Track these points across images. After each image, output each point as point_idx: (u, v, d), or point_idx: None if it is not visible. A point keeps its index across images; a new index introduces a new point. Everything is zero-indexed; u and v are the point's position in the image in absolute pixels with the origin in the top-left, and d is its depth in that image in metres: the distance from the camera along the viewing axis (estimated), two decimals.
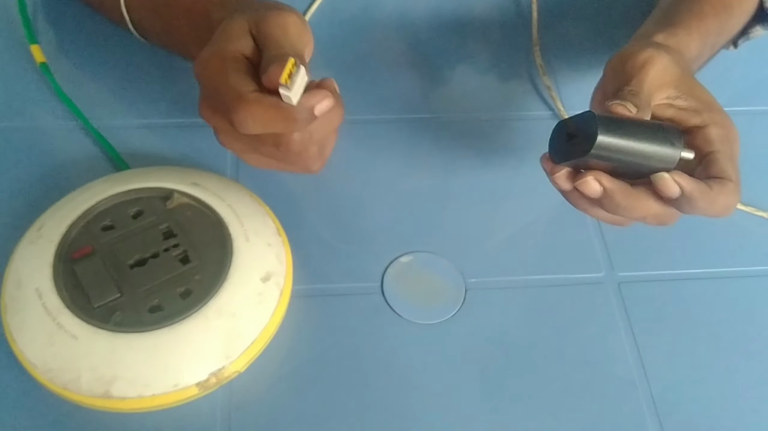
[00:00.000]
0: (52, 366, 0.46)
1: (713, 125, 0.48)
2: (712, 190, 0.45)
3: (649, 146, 0.45)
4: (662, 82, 0.48)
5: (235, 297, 0.48)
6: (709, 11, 0.56)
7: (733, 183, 0.46)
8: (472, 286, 0.54)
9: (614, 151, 0.44)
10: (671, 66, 0.49)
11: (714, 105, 0.49)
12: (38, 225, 0.51)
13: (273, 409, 0.48)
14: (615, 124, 0.45)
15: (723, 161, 0.47)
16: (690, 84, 0.49)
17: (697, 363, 0.52)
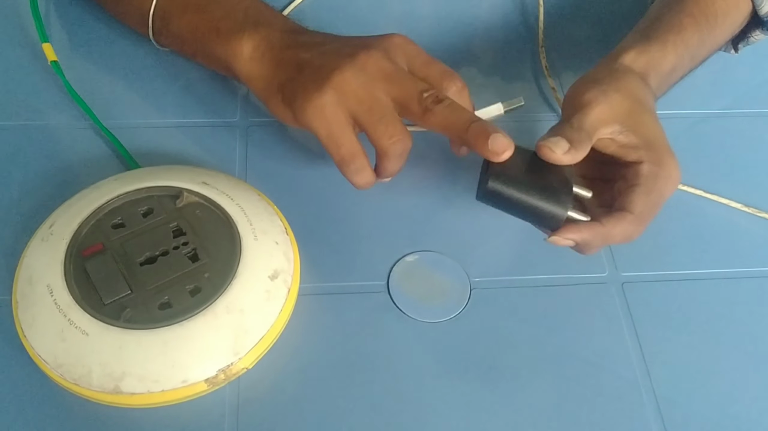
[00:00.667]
0: (63, 362, 0.46)
1: (647, 162, 0.50)
2: (605, 226, 0.48)
3: (538, 202, 0.48)
4: (608, 119, 0.50)
5: (244, 294, 0.49)
6: (690, 24, 0.57)
7: (633, 215, 0.48)
8: (477, 285, 0.55)
9: (504, 199, 0.48)
10: (618, 103, 0.50)
11: (655, 143, 0.50)
12: (49, 223, 0.52)
13: (280, 405, 0.49)
14: (508, 176, 0.48)
15: (636, 194, 0.49)
16: (636, 120, 0.50)
17: (700, 363, 0.52)
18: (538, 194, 0.48)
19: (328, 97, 0.50)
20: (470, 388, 0.50)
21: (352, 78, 0.50)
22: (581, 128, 0.49)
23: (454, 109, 0.50)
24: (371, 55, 0.51)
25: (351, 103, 0.50)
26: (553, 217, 0.48)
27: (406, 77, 0.51)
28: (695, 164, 0.62)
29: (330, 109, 0.50)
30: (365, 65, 0.51)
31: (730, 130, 0.66)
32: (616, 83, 0.51)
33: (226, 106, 0.63)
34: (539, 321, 0.54)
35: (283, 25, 0.56)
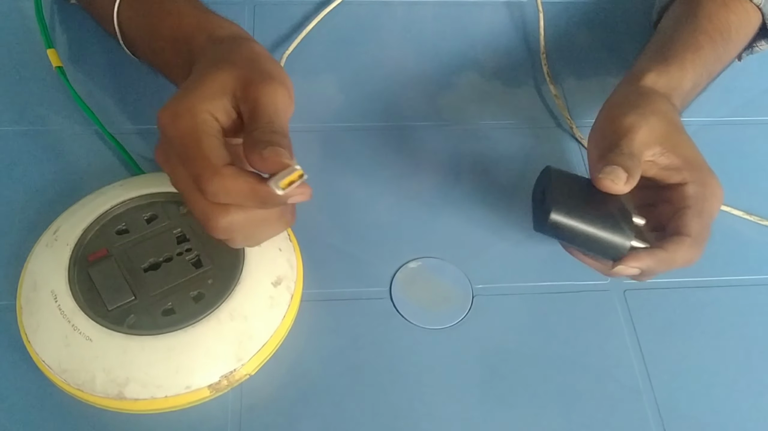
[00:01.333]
0: (67, 367, 0.46)
1: (692, 183, 0.49)
2: (667, 251, 0.48)
3: (602, 233, 0.47)
4: (649, 141, 0.50)
5: (247, 301, 0.49)
6: (705, 41, 0.57)
7: (691, 238, 0.48)
8: (480, 292, 0.55)
9: (566, 230, 0.47)
10: (657, 125, 0.50)
11: (696, 162, 0.50)
12: (54, 229, 0.52)
13: (283, 412, 0.49)
14: (569, 207, 0.47)
15: (689, 216, 0.48)
16: (675, 140, 0.50)
17: (702, 371, 0.53)
18: (602, 225, 0.47)
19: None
20: (472, 395, 0.51)
21: (161, 140, 0.45)
22: (632, 154, 0.49)
23: (231, 193, 0.42)
24: (172, 113, 0.43)
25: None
26: (616, 247, 0.48)
27: (186, 153, 0.42)
28: None
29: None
30: (163, 129, 0.44)
31: (733, 137, 0.66)
32: (651, 105, 0.51)
33: None
34: (541, 328, 0.54)
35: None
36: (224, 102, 0.44)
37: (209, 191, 0.42)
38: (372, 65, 0.68)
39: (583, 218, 0.47)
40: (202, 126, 0.43)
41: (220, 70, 0.45)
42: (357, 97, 0.66)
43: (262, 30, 0.69)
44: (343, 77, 0.68)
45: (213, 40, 0.49)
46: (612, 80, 0.70)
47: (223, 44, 0.48)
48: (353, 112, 0.65)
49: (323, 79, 0.67)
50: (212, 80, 0.44)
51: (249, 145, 0.42)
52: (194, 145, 0.42)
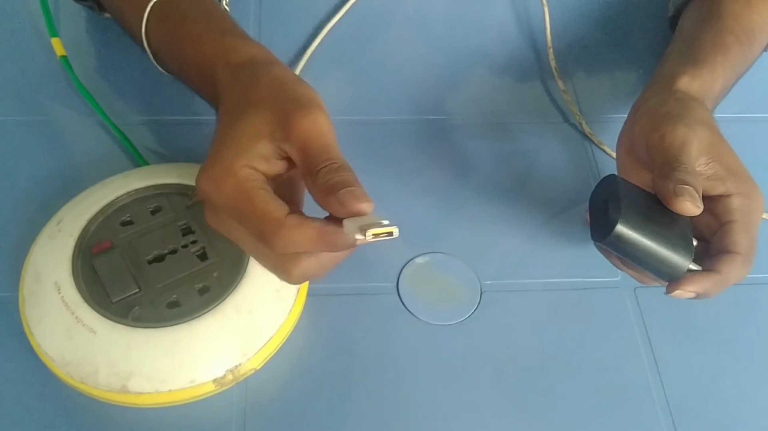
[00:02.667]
0: (70, 360, 0.46)
1: (737, 195, 0.48)
2: (721, 274, 0.46)
3: (664, 252, 0.46)
4: (699, 152, 0.48)
5: (253, 294, 0.48)
6: (733, 42, 0.56)
7: (741, 256, 0.47)
8: (488, 288, 0.54)
9: (628, 245, 0.45)
10: (703, 135, 0.49)
11: (739, 172, 0.49)
12: (57, 220, 0.51)
13: (288, 407, 0.48)
14: (636, 221, 0.45)
15: (737, 232, 0.47)
16: (719, 149, 0.49)
17: (713, 369, 0.52)
18: (665, 243, 0.46)
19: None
20: (480, 392, 0.50)
21: (208, 214, 0.44)
22: (696, 172, 0.47)
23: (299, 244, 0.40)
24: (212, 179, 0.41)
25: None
26: (675, 268, 0.46)
27: (241, 216, 0.41)
28: None
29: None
30: (208, 198, 0.42)
31: (746, 134, 0.66)
32: (693, 114, 0.50)
33: None
34: (550, 325, 0.53)
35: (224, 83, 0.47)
36: (260, 150, 0.41)
37: (277, 245, 0.40)
38: (382, 61, 0.68)
39: (648, 233, 0.45)
40: (246, 183, 0.40)
41: (247, 115, 0.42)
42: (367, 92, 0.65)
43: (272, 29, 0.69)
44: (353, 72, 0.67)
45: (231, 67, 0.46)
46: (621, 75, 0.70)
47: (243, 74, 0.46)
48: (363, 107, 0.64)
49: (333, 75, 0.67)
50: (242, 130, 0.42)
51: (319, 191, 0.40)
52: (248, 204, 0.40)
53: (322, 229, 0.40)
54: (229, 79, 0.46)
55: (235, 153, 0.41)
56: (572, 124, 0.65)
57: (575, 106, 0.65)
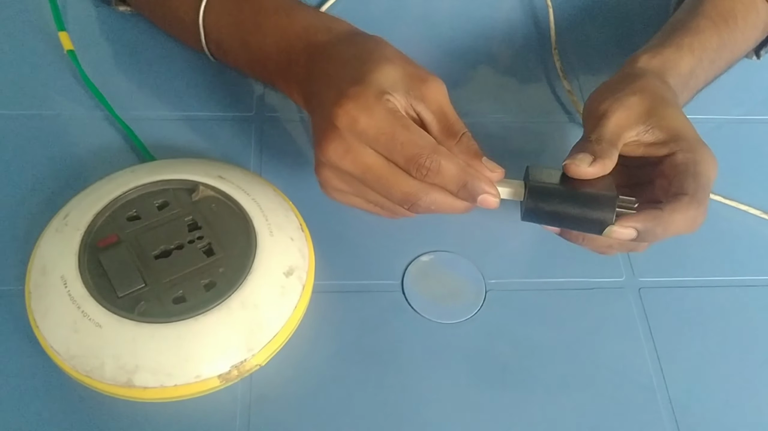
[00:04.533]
0: (76, 354, 0.46)
1: (680, 152, 0.48)
2: (663, 210, 0.46)
3: (580, 212, 0.47)
4: (629, 122, 0.49)
5: (259, 290, 0.48)
6: (706, 26, 0.57)
7: (688, 196, 0.47)
8: (493, 287, 0.54)
9: (545, 215, 0.48)
10: (636, 104, 0.49)
11: (683, 133, 0.49)
12: (64, 214, 0.51)
13: (292, 403, 0.48)
14: (546, 192, 0.47)
15: (682, 178, 0.47)
16: (660, 115, 0.49)
17: (717, 370, 0.52)
18: (578, 201, 0.47)
19: (323, 171, 0.48)
20: (484, 390, 0.50)
21: (336, 149, 0.45)
22: (601, 140, 0.48)
23: (444, 174, 0.45)
24: (359, 105, 0.44)
25: (345, 172, 0.46)
26: (600, 219, 0.47)
27: (394, 138, 0.44)
28: None
29: (330, 184, 0.48)
30: (350, 125, 0.44)
31: (750, 136, 0.66)
32: (631, 86, 0.51)
33: (243, 100, 0.63)
34: (555, 325, 0.53)
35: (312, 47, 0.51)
36: (399, 98, 0.46)
37: (426, 170, 0.44)
38: None
39: (560, 200, 0.47)
40: (399, 111, 0.45)
41: (382, 66, 0.46)
42: None
43: None
44: None
45: (336, 33, 0.50)
46: None
47: (357, 38, 0.50)
48: None
49: None
50: (382, 73, 0.45)
51: (466, 152, 0.46)
52: (402, 129, 0.44)
53: (468, 167, 0.45)
54: (337, 41, 0.50)
55: (382, 86, 0.45)
56: (578, 123, 0.65)
57: (580, 105, 0.65)
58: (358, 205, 0.49)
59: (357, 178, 0.46)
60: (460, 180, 0.45)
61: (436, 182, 0.45)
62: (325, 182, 0.48)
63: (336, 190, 0.48)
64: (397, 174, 0.45)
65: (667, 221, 0.46)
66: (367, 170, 0.45)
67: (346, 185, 0.47)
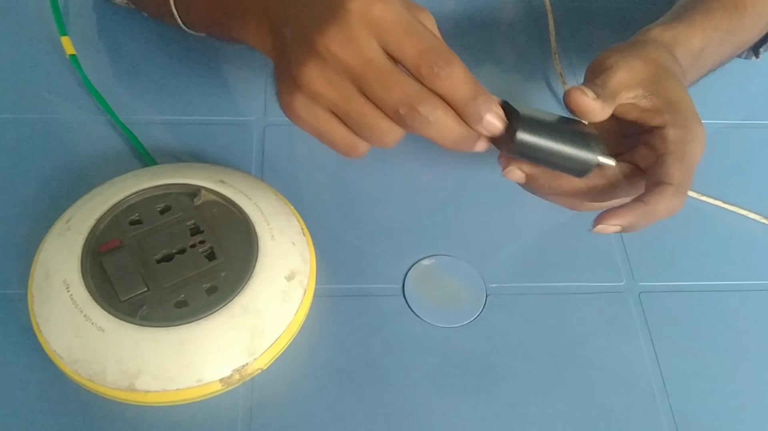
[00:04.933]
0: (78, 358, 0.46)
1: (672, 126, 0.48)
2: (648, 205, 0.46)
3: (568, 149, 0.46)
4: (630, 83, 0.49)
5: (260, 294, 0.49)
6: (717, 8, 0.56)
7: (673, 186, 0.46)
8: (493, 291, 0.54)
9: (534, 149, 0.45)
10: (640, 67, 0.49)
11: (680, 105, 0.48)
12: (66, 218, 0.51)
13: (294, 407, 0.49)
14: (537, 124, 0.45)
15: (670, 164, 0.47)
16: (660, 85, 0.49)
17: (717, 375, 0.52)
18: (568, 140, 0.45)
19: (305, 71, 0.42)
20: (484, 395, 0.50)
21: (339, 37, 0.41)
22: (605, 86, 0.48)
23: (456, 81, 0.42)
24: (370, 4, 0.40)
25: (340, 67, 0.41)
26: (584, 161, 0.46)
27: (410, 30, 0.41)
28: (714, 174, 0.61)
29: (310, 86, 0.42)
30: (364, 10, 0.40)
31: (749, 140, 0.66)
32: (638, 51, 0.50)
33: (245, 105, 0.63)
34: (555, 329, 0.53)
35: None
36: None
37: (440, 65, 0.41)
38: None
39: (550, 134, 0.45)
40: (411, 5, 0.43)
41: None
42: None
43: None
44: None
45: None
46: None
47: None
48: None
49: None
50: None
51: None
52: (417, 22, 0.41)
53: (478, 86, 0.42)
54: None
55: None
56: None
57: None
58: (324, 124, 0.43)
59: (353, 73, 0.41)
60: (470, 91, 0.42)
61: (445, 89, 0.41)
62: (304, 84, 0.42)
63: (311, 96, 0.42)
64: (401, 72, 0.41)
65: (651, 214, 0.46)
66: (368, 63, 0.41)
67: (327, 88, 0.41)
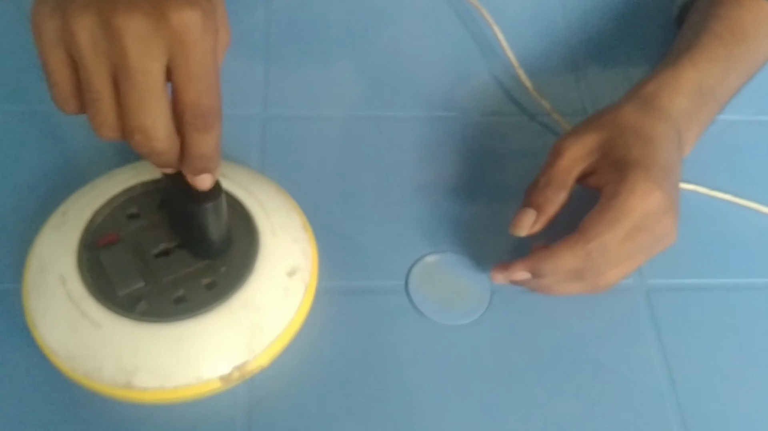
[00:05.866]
0: (74, 354, 0.45)
1: (610, 183, 0.49)
2: (549, 250, 0.49)
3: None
4: (580, 156, 0.51)
5: (261, 291, 0.47)
6: (710, 39, 0.57)
7: (577, 234, 0.48)
8: (498, 289, 0.53)
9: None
10: (591, 139, 0.51)
11: (622, 161, 0.49)
12: (62, 211, 0.50)
13: (295, 407, 0.48)
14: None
15: (592, 212, 0.48)
16: (610, 146, 0.51)
17: (726, 373, 0.51)
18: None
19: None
20: (489, 394, 0.49)
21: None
22: (550, 183, 0.51)
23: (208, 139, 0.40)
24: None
25: None
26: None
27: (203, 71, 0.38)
28: (726, 169, 0.61)
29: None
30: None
31: (761, 135, 0.65)
32: (592, 124, 0.52)
33: (246, 98, 0.62)
34: (561, 327, 0.52)
35: None
36: None
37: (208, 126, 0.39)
38: (390, 53, 0.67)
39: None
40: None
41: None
42: (376, 86, 0.65)
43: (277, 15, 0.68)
44: (361, 64, 0.66)
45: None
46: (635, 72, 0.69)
47: None
48: (372, 101, 0.63)
49: (341, 66, 0.66)
50: None
51: None
52: (216, 69, 0.39)
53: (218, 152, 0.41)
54: None
55: None
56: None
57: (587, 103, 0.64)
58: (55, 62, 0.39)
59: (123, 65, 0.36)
60: (208, 151, 0.40)
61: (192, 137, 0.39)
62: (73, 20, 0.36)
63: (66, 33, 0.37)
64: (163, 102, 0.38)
65: (556, 259, 0.48)
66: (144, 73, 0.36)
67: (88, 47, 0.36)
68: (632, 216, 0.47)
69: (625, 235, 0.47)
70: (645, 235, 0.48)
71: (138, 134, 0.38)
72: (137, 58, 0.36)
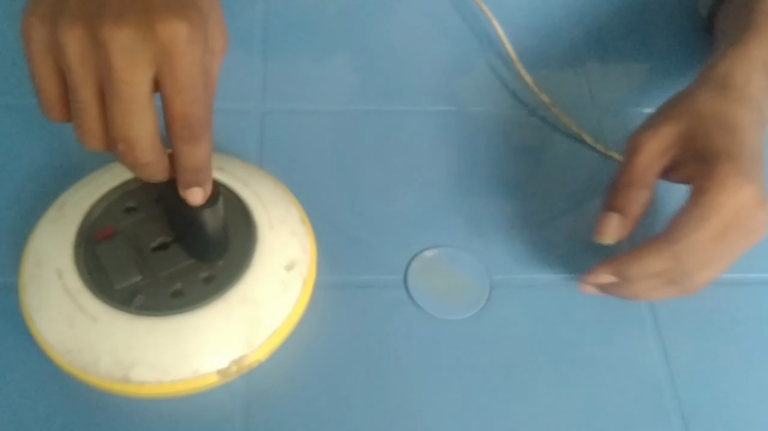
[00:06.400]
0: (71, 348, 0.45)
1: (696, 178, 0.46)
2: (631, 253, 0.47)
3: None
4: (661, 149, 0.48)
5: (259, 284, 0.47)
6: (764, 21, 0.53)
7: (664, 234, 0.46)
8: (498, 283, 0.53)
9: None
10: (669, 131, 0.48)
11: (707, 152, 0.46)
12: (59, 205, 0.50)
13: (293, 401, 0.47)
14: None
15: (677, 213, 0.46)
16: (695, 134, 0.48)
17: (726, 369, 0.51)
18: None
19: None
20: (488, 389, 0.49)
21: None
22: (630, 184, 0.49)
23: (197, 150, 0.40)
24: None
25: None
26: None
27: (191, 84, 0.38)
28: None
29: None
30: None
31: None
32: (667, 113, 0.49)
33: (244, 91, 0.62)
34: (561, 322, 0.52)
35: None
36: None
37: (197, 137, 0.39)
38: (389, 46, 0.67)
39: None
40: None
41: None
42: (377, 80, 0.64)
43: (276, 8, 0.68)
44: (360, 58, 0.66)
45: None
46: (637, 68, 0.69)
47: None
48: (371, 95, 0.63)
49: (339, 60, 0.65)
50: None
51: None
52: (204, 82, 0.39)
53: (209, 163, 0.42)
54: None
55: None
56: (587, 119, 0.64)
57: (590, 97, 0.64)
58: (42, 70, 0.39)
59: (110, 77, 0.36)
60: (199, 163, 0.41)
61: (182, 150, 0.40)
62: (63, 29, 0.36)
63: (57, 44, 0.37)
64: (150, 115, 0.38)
65: (641, 261, 0.46)
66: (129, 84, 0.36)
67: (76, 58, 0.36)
68: (722, 214, 0.44)
69: (715, 234, 0.44)
70: (736, 232, 0.45)
71: (122, 144, 0.38)
72: (123, 70, 0.36)
